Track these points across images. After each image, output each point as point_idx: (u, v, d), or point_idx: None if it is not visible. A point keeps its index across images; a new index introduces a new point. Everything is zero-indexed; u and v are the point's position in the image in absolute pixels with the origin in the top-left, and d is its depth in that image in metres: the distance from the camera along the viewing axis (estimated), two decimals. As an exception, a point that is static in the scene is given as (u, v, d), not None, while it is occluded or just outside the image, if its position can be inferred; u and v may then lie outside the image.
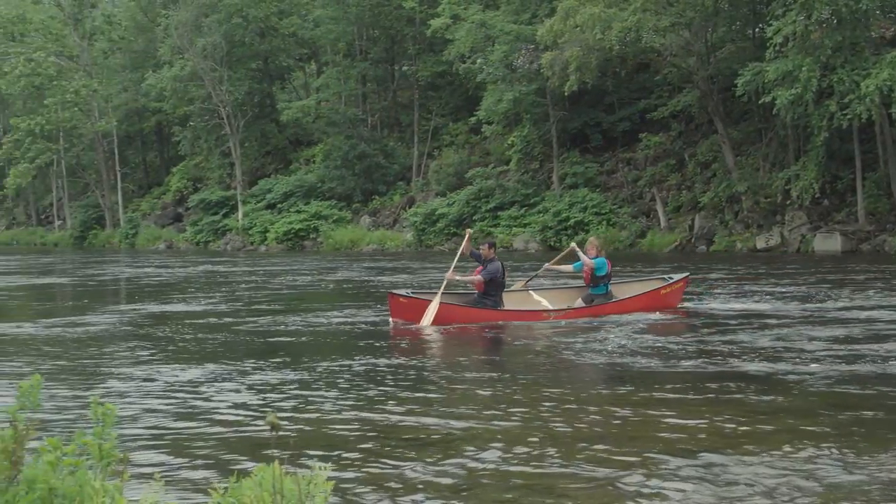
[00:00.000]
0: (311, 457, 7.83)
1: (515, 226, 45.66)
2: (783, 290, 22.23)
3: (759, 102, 36.12)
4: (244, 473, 4.05)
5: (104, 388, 11.61)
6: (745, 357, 13.05)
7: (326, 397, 10.87)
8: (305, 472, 3.94)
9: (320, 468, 4.00)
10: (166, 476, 7.20)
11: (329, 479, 3.96)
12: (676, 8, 38.49)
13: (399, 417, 9.70)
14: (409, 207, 53.03)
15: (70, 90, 68.41)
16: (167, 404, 10.57)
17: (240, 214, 59.86)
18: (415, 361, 13.92)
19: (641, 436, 8.76)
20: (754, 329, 15.83)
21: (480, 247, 18.40)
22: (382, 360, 13.69)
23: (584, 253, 18.72)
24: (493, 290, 18.07)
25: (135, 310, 21.77)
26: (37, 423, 3.76)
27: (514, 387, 11.45)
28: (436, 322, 17.22)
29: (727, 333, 15.45)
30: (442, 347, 16.15)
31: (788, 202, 37.89)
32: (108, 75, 74.24)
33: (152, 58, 69.72)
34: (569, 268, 19.47)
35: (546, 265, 19.90)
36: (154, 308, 22.18)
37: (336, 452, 8.24)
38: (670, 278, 19.75)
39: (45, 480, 3.61)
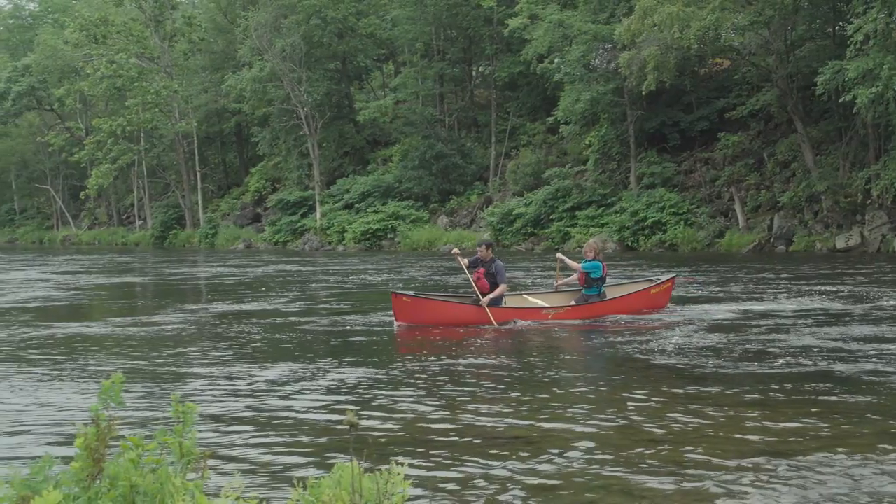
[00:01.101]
0: (389, 455, 7.78)
1: (593, 226, 46.13)
2: (858, 289, 22.57)
3: (840, 101, 36.31)
4: (323, 472, 4.27)
5: (183, 386, 11.93)
6: (820, 356, 13.03)
7: (403, 396, 11.00)
8: (383, 470, 3.94)
9: (398, 467, 3.99)
10: (245, 474, 7.62)
11: (406, 477, 3.97)
12: (755, 6, 38.72)
13: (476, 417, 9.77)
14: (487, 207, 53.78)
15: (151, 91, 70.14)
16: (245, 403, 10.78)
17: (318, 214, 61.14)
18: (484, 360, 14.01)
19: (722, 436, 8.76)
20: (829, 327, 15.88)
21: (478, 249, 18.66)
22: (455, 360, 13.90)
23: (583, 255, 19.29)
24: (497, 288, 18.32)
25: (211, 309, 22.40)
26: (119, 421, 3.79)
27: (588, 386, 11.64)
28: (443, 322, 17.68)
29: (799, 332, 15.55)
30: (503, 346, 15.99)
31: (869, 202, 38.05)
32: (189, 76, 76.16)
33: (232, 59, 71.40)
34: (575, 278, 19.88)
35: (555, 284, 20.13)
36: (230, 307, 22.75)
37: (414, 451, 8.38)
38: (658, 279, 20.40)
39: (127, 478, 3.66)
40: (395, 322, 17.73)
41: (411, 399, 10.84)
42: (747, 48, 40.86)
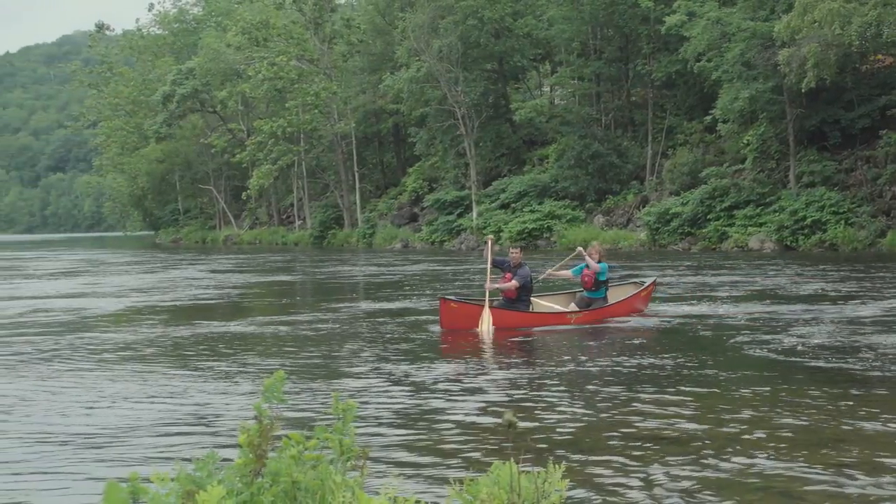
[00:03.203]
0: (546, 455, 7.79)
1: (751, 225, 46.54)
2: None
3: None
4: (480, 471, 4.50)
5: (336, 384, 12.36)
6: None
7: (558, 397, 11.27)
8: (541, 470, 4.00)
9: (555, 467, 4.04)
10: (403, 472, 7.92)
11: (563, 477, 4.02)
12: (919, 1, 38.57)
13: (631, 417, 9.98)
14: (643, 207, 54.63)
15: (310, 93, 73.16)
16: (400, 402, 11.15)
17: (474, 214, 62.96)
18: (631, 361, 13.98)
19: (884, 439, 8.86)
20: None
21: (511, 251, 19.35)
22: (603, 361, 14.13)
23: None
24: (524, 294, 18.96)
25: (361, 307, 23.38)
26: (280, 419, 3.89)
27: (738, 386, 11.63)
28: (462, 326, 17.91)
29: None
30: (645, 347, 15.79)
31: None
32: (347, 78, 78.78)
33: (389, 60, 73.73)
34: (568, 273, 20.64)
35: (549, 270, 20.84)
36: (379, 305, 23.66)
37: (570, 452, 8.58)
38: (643, 283, 21.46)
39: (289, 474, 3.78)
40: (440, 327, 18.14)
41: (565, 400, 11.15)
42: (911, 44, 40.71)
